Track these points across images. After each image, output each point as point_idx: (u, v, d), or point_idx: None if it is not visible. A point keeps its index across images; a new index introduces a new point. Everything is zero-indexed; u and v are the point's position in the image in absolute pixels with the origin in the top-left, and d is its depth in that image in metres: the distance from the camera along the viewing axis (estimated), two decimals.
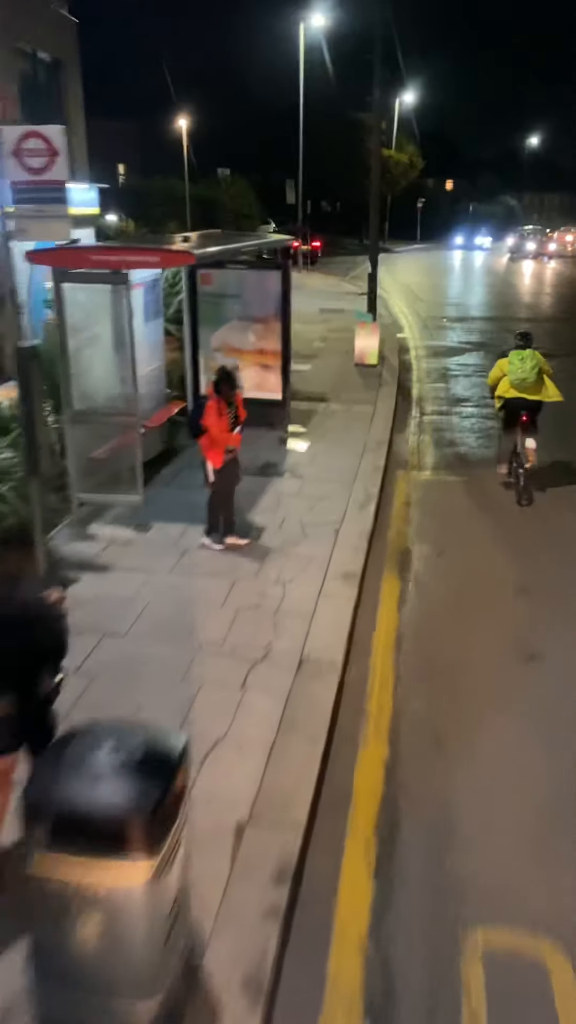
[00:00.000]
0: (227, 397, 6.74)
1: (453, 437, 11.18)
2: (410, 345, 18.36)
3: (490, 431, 11.43)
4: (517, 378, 8.50)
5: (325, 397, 12.63)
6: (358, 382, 13.86)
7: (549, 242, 52.32)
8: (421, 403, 13.02)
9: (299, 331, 19.12)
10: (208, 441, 6.72)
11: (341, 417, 11.55)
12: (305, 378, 13.88)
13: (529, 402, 8.56)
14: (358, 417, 11.55)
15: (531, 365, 8.47)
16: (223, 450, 6.79)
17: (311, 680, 5.28)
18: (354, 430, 10.92)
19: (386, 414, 11.80)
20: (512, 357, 8.59)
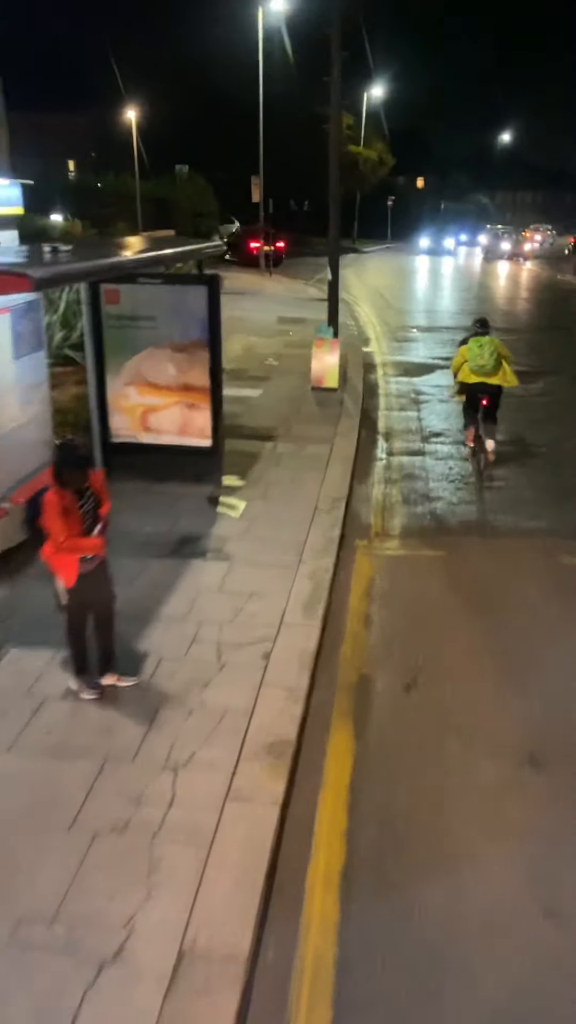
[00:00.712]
0: (74, 485, 4.54)
1: (428, 488, 9.05)
2: (377, 361, 16.25)
3: (470, 477, 9.33)
4: (476, 364, 8.97)
5: (273, 434, 10.47)
6: (314, 412, 11.71)
7: (525, 242, 50.50)
8: (389, 438, 10.89)
9: (251, 346, 17.00)
10: (53, 549, 4.51)
11: (290, 463, 9.39)
12: (252, 408, 11.71)
13: (489, 387, 9.08)
14: (311, 462, 9.40)
15: (489, 351, 8.95)
16: (77, 559, 4.59)
17: (192, 1000, 3.11)
18: (305, 481, 8.78)
19: (345, 456, 9.66)
20: (471, 344, 9.05)
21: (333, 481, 8.84)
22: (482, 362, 8.93)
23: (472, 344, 9.05)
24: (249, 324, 19.18)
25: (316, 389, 12.89)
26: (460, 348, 9.30)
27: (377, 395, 13.32)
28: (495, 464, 9.62)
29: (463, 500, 8.68)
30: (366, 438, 10.77)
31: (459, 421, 11.02)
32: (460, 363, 9.19)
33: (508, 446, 10.49)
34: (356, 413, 11.69)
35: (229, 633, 5.69)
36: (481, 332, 9.17)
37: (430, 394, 13.39)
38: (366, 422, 11.52)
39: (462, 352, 9.19)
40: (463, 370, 9.11)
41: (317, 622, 5.92)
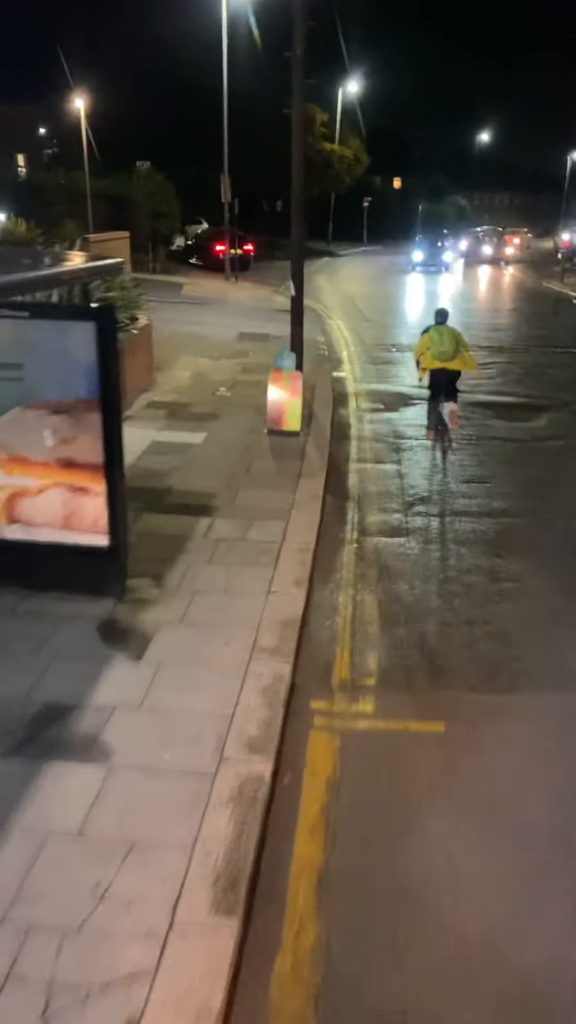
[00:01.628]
0: None
1: (414, 594, 6.61)
2: (350, 389, 13.81)
3: (470, 573, 6.90)
4: (438, 351, 9.59)
5: (211, 504, 7.99)
6: (269, 467, 9.24)
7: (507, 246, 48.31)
8: (362, 507, 8.43)
9: (202, 371, 14.49)
10: None
11: (228, 555, 6.91)
12: (189, 461, 9.22)
13: (449, 372, 9.71)
14: (257, 553, 6.93)
15: (448, 339, 9.63)
16: None
17: None
18: (245, 589, 6.31)
19: (303, 544, 7.19)
20: (432, 333, 9.71)
21: (285, 588, 6.36)
22: (443, 348, 9.61)
23: (432, 333, 9.75)
24: (203, 342, 16.67)
25: (273, 433, 10.43)
26: (422, 337, 9.94)
27: (348, 439, 10.86)
28: (507, 555, 7.24)
29: (466, 615, 6.24)
30: (333, 508, 8.31)
31: (446, 477, 8.72)
32: (423, 350, 9.81)
33: (516, 519, 8.09)
34: (321, 469, 9.22)
35: (69, 961, 3.20)
36: (441, 321, 9.90)
37: (412, 437, 10.96)
38: (334, 481, 9.06)
39: (424, 340, 9.84)
40: (426, 357, 9.76)
41: (234, 922, 3.44)
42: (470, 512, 8.26)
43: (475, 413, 12.15)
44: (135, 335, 11.53)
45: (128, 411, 11.34)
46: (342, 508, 8.35)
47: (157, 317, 19.37)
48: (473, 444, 10.56)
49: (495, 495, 8.76)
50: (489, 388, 13.93)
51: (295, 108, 11.84)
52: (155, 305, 21.78)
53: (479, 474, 9.41)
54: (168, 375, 13.62)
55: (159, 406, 11.71)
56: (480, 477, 9.32)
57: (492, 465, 9.76)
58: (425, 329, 10.03)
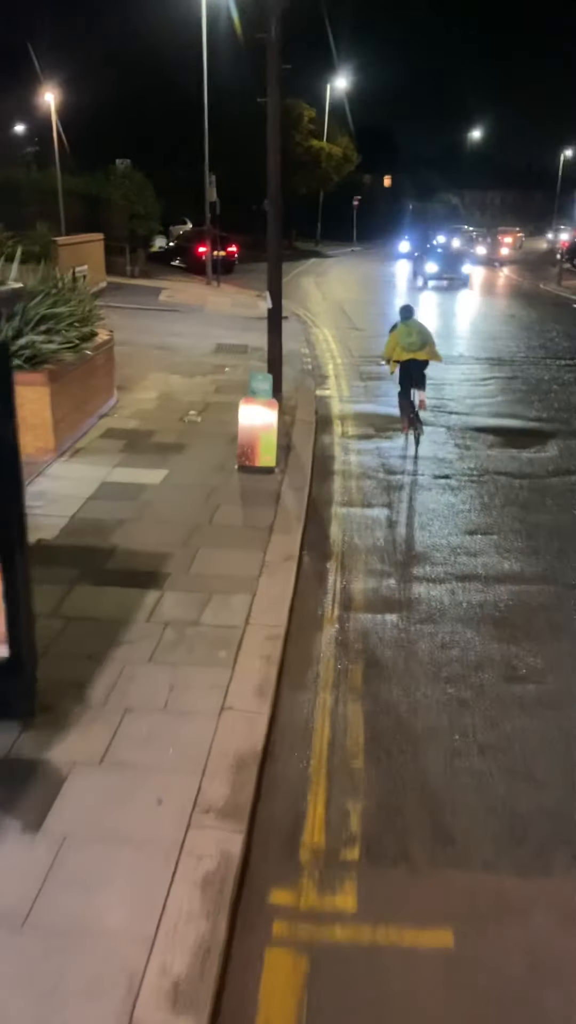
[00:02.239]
0: None
1: (413, 705, 5.20)
2: (335, 411, 12.41)
3: (483, 668, 5.49)
4: (407, 343, 10.10)
5: (162, 570, 6.58)
6: (236, 516, 7.82)
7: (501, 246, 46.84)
8: (346, 571, 7.02)
9: (171, 391, 13.01)
10: None
11: (175, 648, 5.49)
12: (142, 509, 7.80)
13: (418, 361, 10.17)
14: (210, 648, 5.52)
15: (416, 332, 10.14)
16: None
17: None
18: (191, 706, 4.90)
19: (271, 629, 5.78)
20: (401, 329, 10.21)
21: (244, 701, 4.95)
22: (411, 340, 10.08)
23: (401, 328, 10.23)
24: (176, 356, 15.24)
25: (245, 469, 9.03)
26: (391, 335, 10.42)
27: (332, 474, 9.46)
28: (524, 640, 5.85)
29: (478, 739, 4.84)
30: (311, 572, 6.91)
31: (445, 526, 7.35)
32: (393, 346, 10.28)
33: (531, 586, 6.69)
34: (298, 519, 7.81)
35: None
36: (408, 317, 10.33)
37: (404, 471, 9.57)
38: (313, 533, 7.66)
39: (393, 338, 10.33)
40: (396, 351, 10.22)
41: None
42: (476, 576, 6.87)
43: (475, 441, 10.78)
44: (89, 356, 10.10)
45: (80, 442, 9.92)
46: (322, 572, 6.93)
47: (129, 326, 17.96)
48: (475, 482, 9.18)
49: (504, 551, 7.37)
50: (489, 409, 12.55)
51: (270, 97, 10.44)
52: (129, 313, 20.38)
53: (484, 522, 8.02)
54: (132, 396, 12.19)
55: (117, 435, 10.28)
56: (485, 526, 7.93)
57: (498, 510, 8.37)
58: (392, 327, 10.51)
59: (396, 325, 10.35)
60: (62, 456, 9.34)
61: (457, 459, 9.97)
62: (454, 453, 10.20)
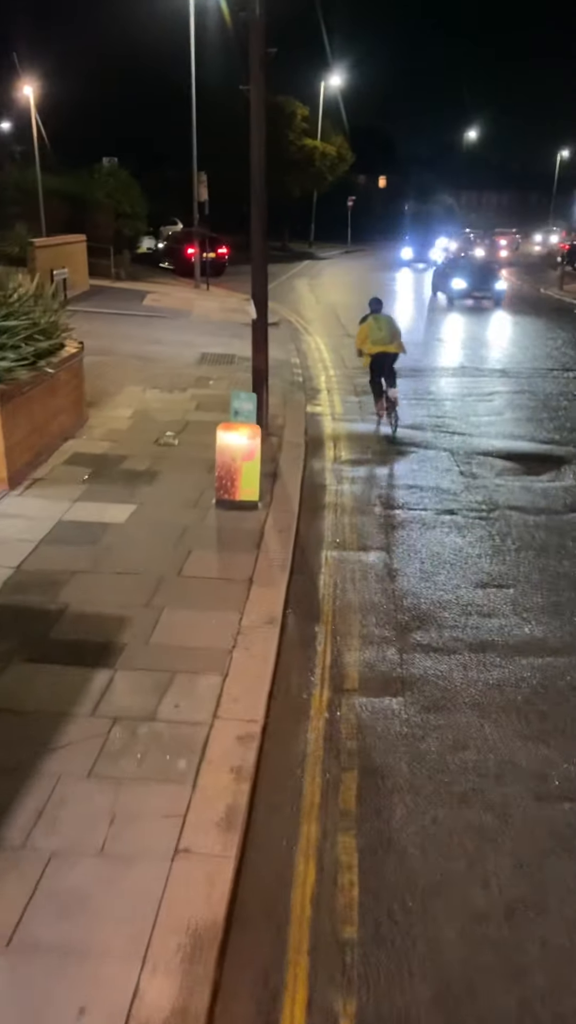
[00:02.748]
0: None
1: (423, 844, 4.12)
2: (327, 430, 11.33)
3: (510, 771, 4.40)
4: (377, 337, 10.60)
5: (116, 640, 5.48)
6: (210, 567, 6.73)
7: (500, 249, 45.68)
8: (338, 638, 5.92)
9: (148, 408, 11.78)
10: None
11: (122, 756, 4.40)
12: (104, 554, 6.72)
13: (389, 354, 10.66)
14: (166, 755, 4.43)
15: (386, 325, 10.69)
16: None
17: None
18: (135, 847, 3.82)
19: (244, 726, 4.69)
20: (370, 322, 10.73)
21: (204, 838, 3.86)
22: (382, 335, 10.50)
23: (371, 321, 10.58)
24: (156, 367, 14.14)
25: (224, 504, 7.94)
26: (361, 326, 10.83)
27: (322, 509, 8.36)
28: (555, 735, 4.77)
29: (505, 896, 3.75)
30: (296, 639, 5.82)
31: (452, 575, 6.28)
32: (364, 339, 10.69)
33: (558, 658, 5.61)
34: (283, 569, 6.71)
35: None
36: (377, 310, 10.75)
37: (405, 505, 8.49)
38: (300, 586, 6.57)
39: (362, 330, 10.75)
40: (366, 343, 10.62)
41: None
42: (491, 645, 5.79)
43: (482, 467, 9.70)
44: (50, 374, 8.99)
45: (40, 470, 8.82)
46: (309, 639, 5.84)
47: (107, 334, 16.85)
48: (484, 519, 8.10)
49: (523, 610, 6.29)
50: (496, 428, 11.48)
51: (253, 83, 9.34)
52: (109, 319, 19.26)
53: (497, 572, 6.94)
54: (105, 414, 11.09)
55: (83, 461, 9.19)
56: (499, 577, 6.84)
57: (512, 555, 7.30)
58: (362, 319, 10.95)
59: (365, 318, 10.86)
60: (17, 488, 8.24)
61: (463, 490, 8.90)
62: (459, 483, 9.12)
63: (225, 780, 4.25)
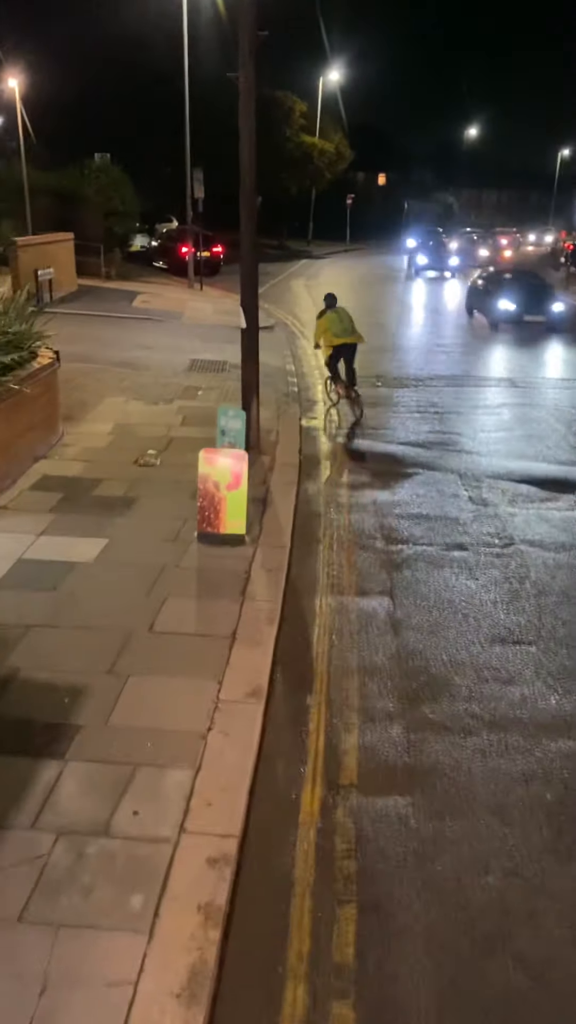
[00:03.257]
0: None
1: (439, 1012, 3.26)
2: (323, 446, 10.46)
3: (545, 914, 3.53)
4: (340, 329, 11.15)
5: (69, 720, 4.62)
6: (187, 619, 5.86)
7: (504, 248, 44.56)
8: (332, 711, 5.04)
9: (129, 421, 10.73)
10: None
11: (64, 889, 3.54)
12: (66, 602, 5.87)
13: (350, 344, 11.26)
14: (115, 893, 3.56)
15: (346, 318, 11.24)
16: None
17: None
18: None
19: (217, 844, 3.82)
20: (331, 315, 11.23)
21: (157, 1022, 2.99)
22: (344, 326, 11.18)
23: (331, 315, 11.22)
24: (141, 376, 13.25)
25: (207, 538, 7.07)
26: (319, 321, 11.41)
27: (317, 543, 7.49)
28: None
29: None
30: (284, 717, 4.95)
31: (464, 627, 5.38)
32: (322, 333, 11.34)
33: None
34: (271, 620, 5.84)
35: None
36: (333, 305, 11.33)
37: (409, 539, 7.61)
38: (289, 642, 5.71)
39: (322, 324, 11.34)
40: (327, 336, 11.24)
41: None
42: (513, 722, 4.92)
43: (493, 492, 8.84)
44: (15, 390, 8.12)
45: (3, 497, 7.93)
46: (299, 715, 4.97)
47: (91, 338, 15.95)
48: (498, 556, 7.23)
49: (548, 676, 5.43)
50: (507, 447, 10.60)
51: (242, 69, 8.46)
52: (94, 322, 18.35)
53: (516, 624, 6.07)
54: (81, 430, 10.21)
55: (53, 485, 8.32)
56: (518, 631, 5.98)
57: (531, 601, 6.43)
58: (320, 314, 11.42)
59: (323, 313, 11.36)
60: None
61: (473, 519, 8.03)
62: (468, 511, 8.25)
63: (191, 925, 3.39)
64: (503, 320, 20.29)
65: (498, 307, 20.31)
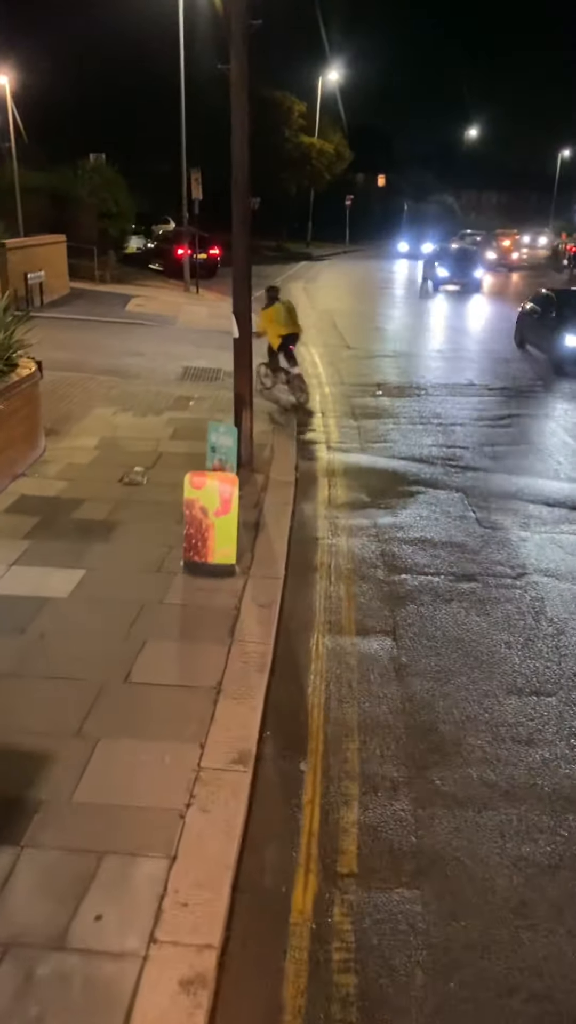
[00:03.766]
0: None
1: None
2: (322, 464, 9.88)
3: None
4: (287, 319, 11.95)
5: (27, 794, 4.04)
6: (165, 669, 5.27)
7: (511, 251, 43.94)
8: (328, 778, 4.46)
9: (116, 435, 10.12)
10: None
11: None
12: (34, 645, 5.29)
13: (295, 334, 12.11)
14: (69, 1020, 2.96)
15: (293, 309, 12.15)
16: None
17: None
18: None
19: (188, 967, 3.24)
20: (278, 307, 11.94)
21: None
22: (291, 316, 12.03)
23: (278, 307, 11.93)
24: (131, 385, 12.67)
25: (193, 568, 6.50)
26: (263, 312, 11.84)
27: (313, 572, 6.91)
28: None
29: None
30: (273, 788, 4.36)
31: (478, 676, 4.83)
32: (267, 325, 11.89)
33: None
34: (261, 667, 5.26)
35: None
36: (276, 298, 12.06)
37: (414, 567, 7.03)
38: (281, 695, 5.12)
39: (268, 315, 11.89)
40: (274, 326, 11.87)
41: None
42: (535, 793, 4.35)
43: (502, 514, 8.25)
44: None
45: None
46: (291, 786, 4.39)
47: (81, 344, 15.38)
48: (511, 588, 6.63)
49: (571, 734, 4.85)
50: (514, 462, 10.03)
51: (234, 59, 7.89)
52: (86, 327, 17.77)
53: (533, 671, 5.49)
54: (64, 444, 9.63)
55: (30, 507, 7.74)
56: (537, 679, 5.40)
57: (550, 642, 5.86)
58: (265, 306, 11.91)
59: (270, 304, 11.95)
60: None
61: (482, 546, 7.45)
62: (477, 535, 7.68)
63: None
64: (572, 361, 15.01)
65: (566, 344, 15.03)
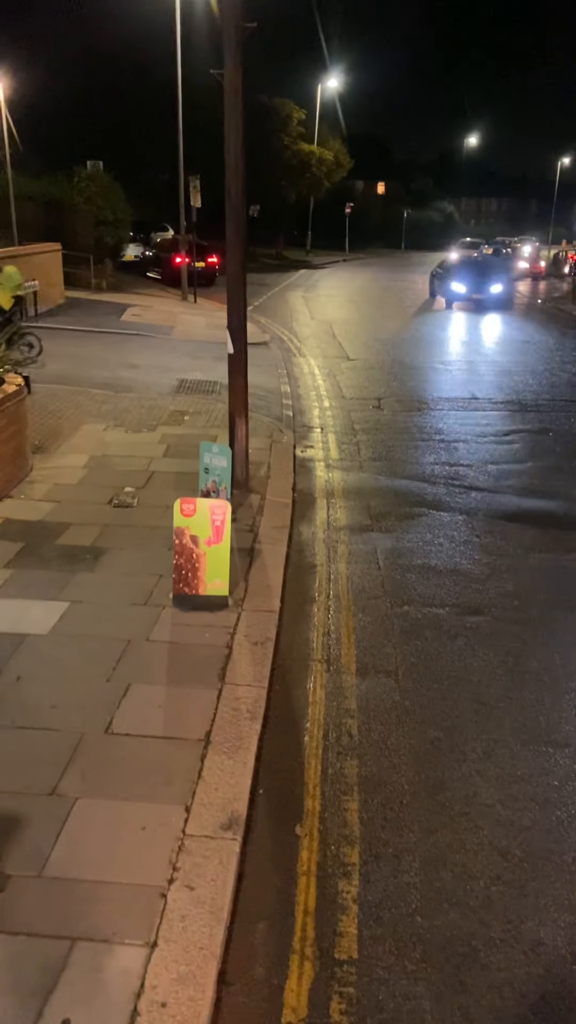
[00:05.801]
0: None
1: None
2: (320, 483, 9.50)
3: None
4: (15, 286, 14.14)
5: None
6: (150, 719, 4.89)
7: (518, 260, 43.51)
8: (324, 851, 4.07)
9: (107, 453, 9.59)
10: None
11: None
12: (8, 690, 4.91)
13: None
14: None
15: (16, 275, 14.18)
16: None
17: None
18: None
19: None
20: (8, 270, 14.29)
21: None
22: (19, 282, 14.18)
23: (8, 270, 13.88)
24: (123, 399, 12.30)
25: (183, 601, 6.12)
26: None
27: (311, 602, 6.52)
28: None
29: None
30: (265, 854, 3.99)
31: (488, 725, 4.46)
32: None
33: None
34: (254, 715, 4.87)
35: None
36: None
37: (420, 599, 6.64)
38: (276, 748, 4.73)
39: None
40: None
41: None
42: (556, 868, 3.95)
43: (508, 539, 7.86)
44: None
45: None
46: (285, 851, 4.00)
47: (74, 356, 15.02)
48: (519, 623, 6.25)
49: None
50: (520, 481, 9.65)
51: (227, 61, 7.53)
52: (80, 338, 17.41)
53: (548, 721, 5.10)
54: (53, 463, 9.26)
55: (14, 532, 7.36)
56: (553, 729, 5.01)
57: (564, 684, 5.46)
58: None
59: None
60: None
61: (489, 574, 7.07)
62: (483, 562, 7.30)
63: None
64: None
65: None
